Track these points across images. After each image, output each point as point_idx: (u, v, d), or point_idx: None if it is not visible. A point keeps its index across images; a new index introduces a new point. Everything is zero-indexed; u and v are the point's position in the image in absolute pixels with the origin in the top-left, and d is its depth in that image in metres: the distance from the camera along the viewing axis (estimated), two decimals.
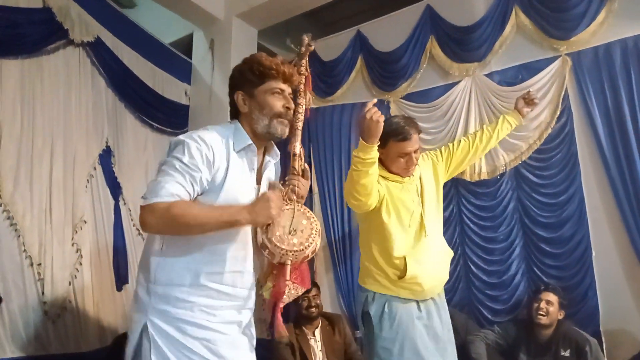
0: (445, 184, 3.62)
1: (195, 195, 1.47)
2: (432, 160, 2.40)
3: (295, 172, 1.63)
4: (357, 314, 2.35)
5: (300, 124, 1.67)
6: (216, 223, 1.43)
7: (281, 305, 1.51)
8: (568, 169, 3.21)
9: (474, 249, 3.47)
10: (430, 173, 2.34)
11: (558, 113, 3.24)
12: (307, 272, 1.60)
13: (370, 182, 1.97)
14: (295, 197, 1.58)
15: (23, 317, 3.07)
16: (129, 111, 4.04)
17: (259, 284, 1.60)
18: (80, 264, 3.42)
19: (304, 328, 3.29)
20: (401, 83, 3.92)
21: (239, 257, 1.55)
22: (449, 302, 3.45)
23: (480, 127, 2.64)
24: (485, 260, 3.42)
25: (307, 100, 1.73)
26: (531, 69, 3.38)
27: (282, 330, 1.54)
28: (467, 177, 3.49)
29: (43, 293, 3.17)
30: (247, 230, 1.56)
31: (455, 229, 3.59)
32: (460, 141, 2.46)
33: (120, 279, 3.64)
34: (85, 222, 3.50)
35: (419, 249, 2.15)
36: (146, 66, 4.17)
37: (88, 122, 3.65)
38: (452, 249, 3.55)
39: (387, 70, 4.03)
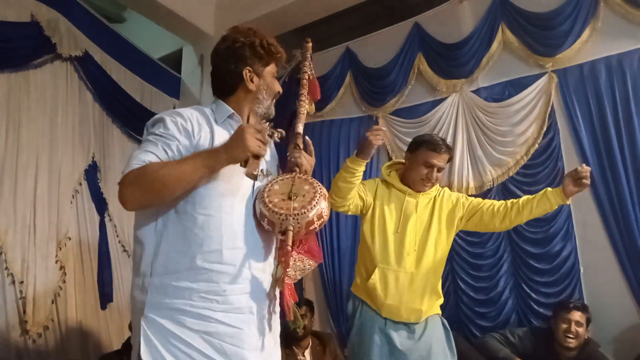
0: None
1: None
2: (458, 199, 2.33)
3: (299, 148, 1.53)
4: None
5: (303, 109, 1.65)
6: (193, 169, 1.28)
7: (288, 280, 1.31)
8: (555, 184, 3.21)
9: (462, 265, 3.46)
10: (448, 208, 2.30)
11: (544, 129, 3.27)
12: (317, 246, 1.42)
13: (346, 188, 2.10)
14: (297, 169, 1.46)
15: (2, 336, 2.99)
16: (116, 125, 4.01)
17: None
18: (64, 281, 3.36)
19: (294, 348, 3.23)
20: (389, 99, 3.95)
21: (237, 232, 1.36)
22: None
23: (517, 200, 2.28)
24: (473, 276, 3.41)
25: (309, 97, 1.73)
26: (518, 86, 3.41)
27: (292, 311, 1.33)
28: None
29: (24, 312, 3.09)
30: (243, 201, 1.40)
31: None
32: (494, 203, 2.30)
33: (105, 297, 3.57)
34: (70, 238, 3.44)
35: (395, 267, 2.20)
36: (134, 81, 4.16)
37: (74, 136, 3.62)
38: None
39: (376, 86, 4.05)
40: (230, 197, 1.38)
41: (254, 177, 1.42)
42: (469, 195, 3.43)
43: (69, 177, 3.53)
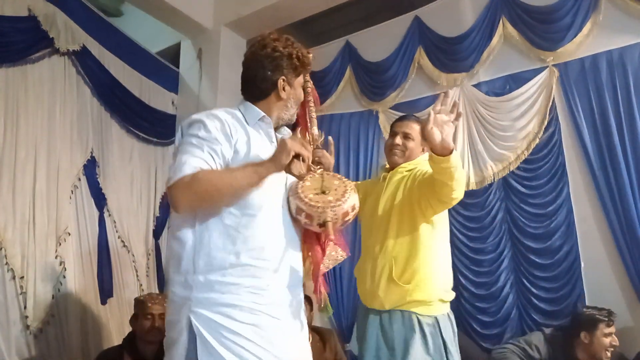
0: None
1: (217, 168, 1.42)
2: (419, 172, 2.04)
3: (319, 147, 1.64)
4: None
5: (313, 113, 1.73)
6: (243, 178, 1.38)
7: (323, 269, 1.45)
8: (556, 179, 3.22)
9: (462, 260, 3.45)
10: (414, 183, 2.02)
11: (545, 123, 3.26)
12: (344, 239, 1.52)
13: None
14: (322, 167, 1.58)
15: (3, 332, 2.99)
16: (114, 121, 3.97)
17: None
18: (64, 277, 3.34)
19: None
20: (389, 93, 3.93)
21: (277, 229, 1.47)
22: None
23: None
24: (473, 271, 3.41)
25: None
26: (519, 80, 3.40)
27: (324, 299, 1.46)
28: None
29: (25, 307, 3.09)
30: (280, 200, 1.50)
31: None
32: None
33: (105, 292, 3.56)
34: (69, 234, 3.42)
35: (366, 251, 2.10)
36: (133, 75, 4.13)
37: (72, 132, 3.59)
38: None
39: (376, 81, 4.03)
40: (269, 195, 1.47)
41: (301, 177, 1.51)
42: (469, 191, 3.46)
43: (68, 173, 3.51)
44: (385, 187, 2.10)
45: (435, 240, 2.00)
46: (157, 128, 4.29)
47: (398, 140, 2.12)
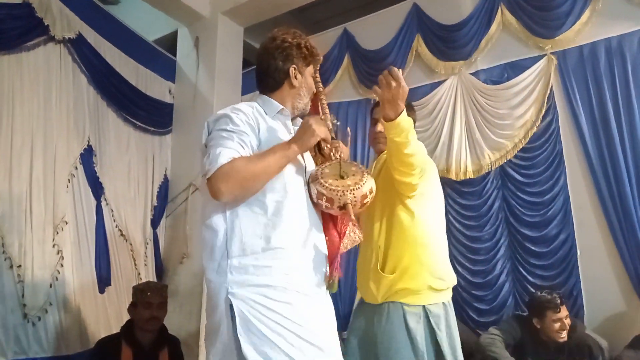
0: None
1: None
2: None
3: (334, 137, 1.70)
4: None
5: (326, 108, 1.78)
6: (274, 161, 1.48)
7: (342, 249, 1.54)
8: (553, 167, 3.22)
9: (459, 248, 3.47)
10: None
11: (543, 112, 3.26)
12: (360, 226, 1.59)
13: None
14: (339, 155, 1.64)
15: (2, 320, 2.99)
16: (111, 109, 3.95)
17: None
18: (62, 265, 3.34)
19: None
20: None
21: (303, 213, 1.57)
22: None
23: None
24: (470, 259, 3.42)
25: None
26: (517, 68, 3.39)
27: (337, 279, 1.58)
28: (453, 176, 3.48)
29: (23, 295, 3.09)
30: (302, 185, 1.60)
31: None
32: None
33: (103, 280, 3.56)
34: (67, 222, 3.42)
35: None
36: (129, 64, 4.09)
37: (69, 120, 3.57)
38: None
39: (374, 69, 4.01)
40: (293, 182, 1.56)
41: (329, 156, 1.62)
42: (466, 180, 3.46)
43: (65, 161, 3.49)
44: (371, 172, 1.97)
45: (418, 225, 1.88)
46: (154, 117, 4.27)
47: (380, 127, 2.03)
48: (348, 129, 1.73)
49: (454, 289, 3.44)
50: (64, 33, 3.51)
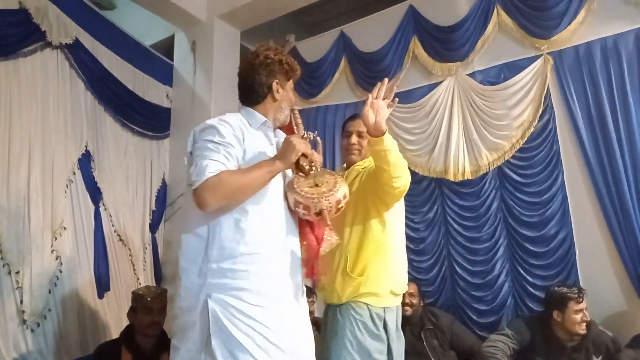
0: (429, 185, 3.65)
1: (233, 169, 1.58)
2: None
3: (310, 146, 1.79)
4: None
5: (299, 119, 1.87)
6: (261, 175, 1.56)
7: (322, 252, 1.63)
8: (551, 167, 3.22)
9: (458, 249, 3.47)
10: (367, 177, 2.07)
11: (540, 112, 3.26)
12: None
13: None
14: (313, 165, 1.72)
15: (0, 327, 2.99)
16: (108, 114, 3.96)
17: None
18: (61, 271, 3.35)
19: None
20: None
21: (280, 220, 1.65)
22: (434, 303, 3.48)
23: None
24: (469, 260, 3.42)
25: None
26: (513, 68, 3.39)
27: (322, 279, 1.67)
28: (451, 177, 3.49)
29: (22, 302, 3.09)
30: (280, 194, 1.68)
31: (439, 230, 3.60)
32: None
33: (102, 286, 3.56)
34: (65, 228, 3.42)
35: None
36: (126, 68, 4.10)
37: (67, 125, 3.57)
38: (437, 250, 3.59)
39: (371, 71, 4.02)
40: (271, 190, 1.64)
41: (307, 171, 1.67)
42: (464, 180, 3.46)
43: (63, 167, 3.49)
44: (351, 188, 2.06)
45: (387, 235, 2.02)
46: (152, 121, 4.28)
47: (354, 139, 2.17)
48: (318, 138, 1.78)
49: (454, 289, 3.48)
50: (61, 39, 3.52)
